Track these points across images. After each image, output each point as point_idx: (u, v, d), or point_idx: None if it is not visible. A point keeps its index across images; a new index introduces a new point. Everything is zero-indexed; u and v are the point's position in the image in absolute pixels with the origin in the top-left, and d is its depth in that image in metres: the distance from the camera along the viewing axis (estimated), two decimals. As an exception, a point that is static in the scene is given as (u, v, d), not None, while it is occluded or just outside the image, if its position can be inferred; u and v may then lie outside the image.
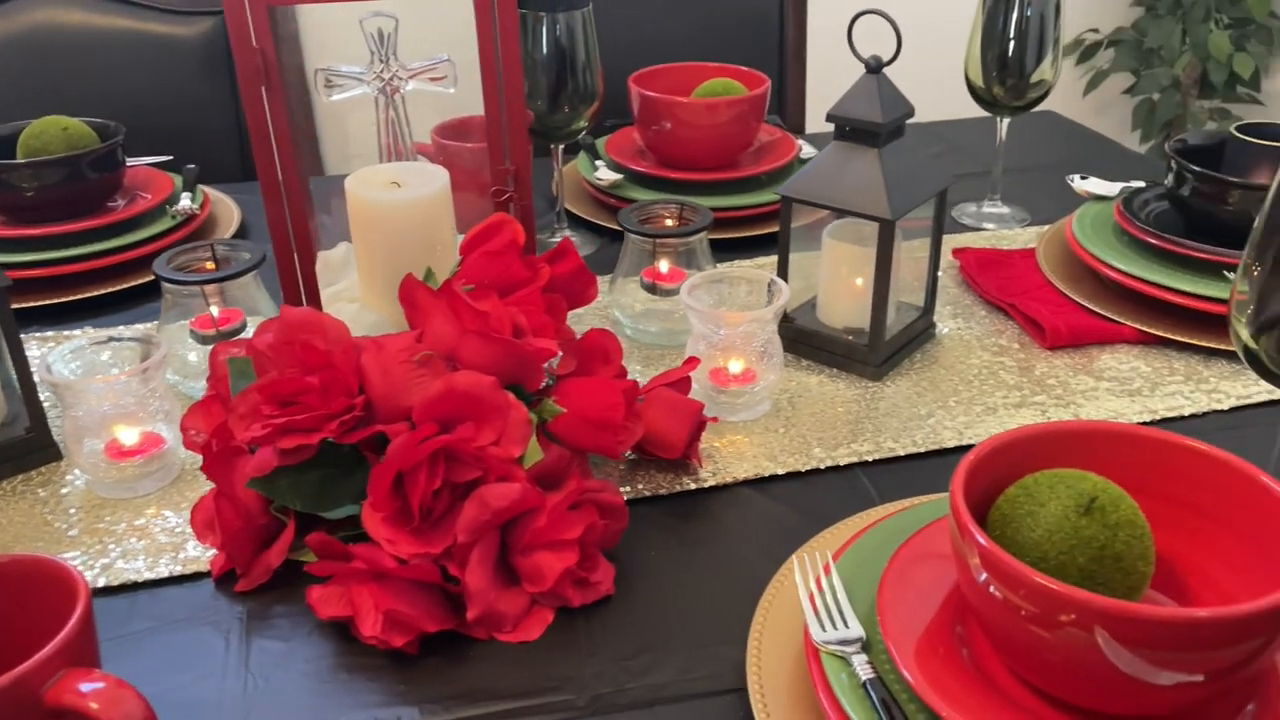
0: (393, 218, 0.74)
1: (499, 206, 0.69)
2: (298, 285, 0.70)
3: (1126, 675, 0.44)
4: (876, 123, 0.77)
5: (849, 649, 0.51)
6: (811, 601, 0.53)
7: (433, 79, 0.82)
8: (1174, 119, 2.26)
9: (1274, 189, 0.55)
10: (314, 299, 0.71)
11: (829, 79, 1.79)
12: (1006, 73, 1.04)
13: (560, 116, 0.99)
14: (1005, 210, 1.12)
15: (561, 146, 1.03)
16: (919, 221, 0.86)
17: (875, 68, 0.78)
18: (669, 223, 0.87)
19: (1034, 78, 1.04)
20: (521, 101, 0.67)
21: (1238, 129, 0.91)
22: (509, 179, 0.68)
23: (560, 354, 0.64)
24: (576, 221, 1.11)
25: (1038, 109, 1.43)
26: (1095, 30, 2.39)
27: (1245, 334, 0.58)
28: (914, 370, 0.84)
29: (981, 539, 0.46)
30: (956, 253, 1.00)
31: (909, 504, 0.63)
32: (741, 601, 0.59)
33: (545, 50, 0.96)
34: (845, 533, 0.62)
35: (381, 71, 0.81)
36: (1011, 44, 1.02)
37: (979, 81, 1.06)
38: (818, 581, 0.55)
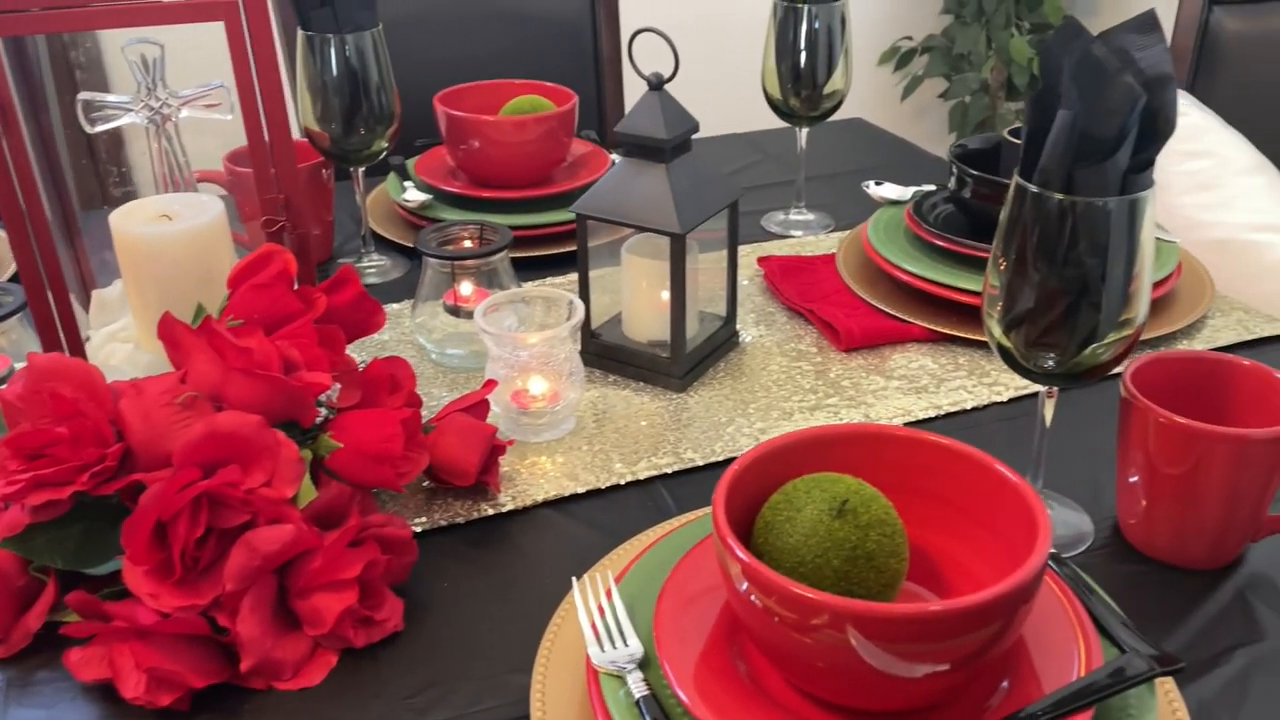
0: (163, 252, 0.71)
1: (271, 237, 0.66)
2: (55, 330, 0.66)
3: (881, 671, 0.45)
4: (661, 139, 0.78)
5: (627, 667, 0.51)
6: (593, 622, 0.53)
7: (207, 106, 0.79)
8: (985, 120, 2.38)
9: (1013, 186, 0.58)
10: (74, 343, 0.67)
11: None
12: (800, 84, 1.07)
13: (357, 139, 0.97)
14: (811, 217, 1.15)
15: (362, 169, 1.01)
16: (715, 233, 0.87)
17: (656, 85, 0.79)
18: (468, 244, 0.86)
19: (827, 89, 1.07)
20: (286, 127, 0.65)
21: (1010, 132, 0.96)
22: (280, 207, 0.65)
23: (337, 386, 0.62)
24: (387, 245, 1.09)
25: (847, 116, 1.49)
26: (909, 38, 2.50)
27: (998, 330, 0.61)
28: (717, 379, 0.85)
29: (738, 549, 0.46)
30: (761, 261, 1.02)
31: (698, 515, 0.64)
32: (534, 627, 0.58)
33: (335, 72, 0.94)
34: (636, 548, 0.62)
35: (149, 100, 0.77)
36: (803, 56, 1.05)
37: (776, 94, 1.09)
38: (600, 603, 0.55)
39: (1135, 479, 0.63)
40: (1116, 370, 0.61)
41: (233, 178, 1.00)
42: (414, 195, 1.09)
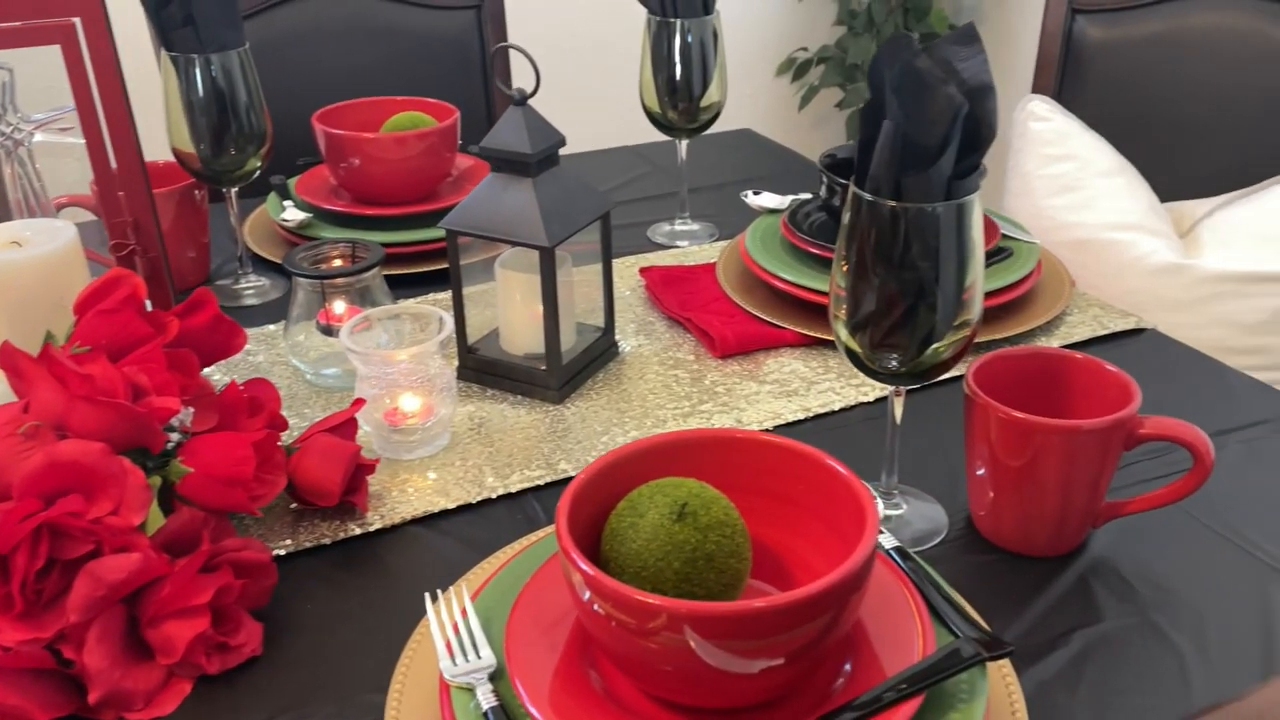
0: (12, 280, 0.69)
1: (122, 260, 0.65)
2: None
3: (721, 670, 0.46)
4: (526, 154, 0.79)
5: (477, 678, 0.51)
6: (445, 636, 0.53)
7: (61, 129, 0.77)
8: (879, 129, 2.44)
9: (850, 194, 0.60)
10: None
11: (542, 105, 1.84)
12: (678, 97, 1.09)
13: (228, 159, 0.96)
14: (695, 227, 1.17)
15: (235, 190, 1.00)
16: (592, 245, 0.88)
17: (520, 100, 0.80)
18: (338, 262, 0.86)
19: (704, 101, 1.09)
20: (133, 149, 0.64)
21: (876, 141, 0.99)
22: (129, 230, 0.64)
23: (190, 411, 0.61)
24: (268, 265, 1.07)
25: (739, 126, 1.52)
26: (805, 49, 2.55)
27: (844, 333, 0.63)
28: (595, 390, 0.86)
29: (577, 557, 0.47)
30: (643, 271, 1.03)
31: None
32: (395, 646, 0.58)
33: (202, 92, 0.92)
34: (499, 562, 0.62)
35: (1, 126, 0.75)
36: (678, 70, 1.07)
37: (655, 107, 1.10)
38: (455, 619, 0.55)
39: (982, 472, 0.66)
40: (962, 370, 0.63)
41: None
42: (293, 214, 1.08)
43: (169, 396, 0.59)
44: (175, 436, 0.61)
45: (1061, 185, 1.20)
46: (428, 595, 0.57)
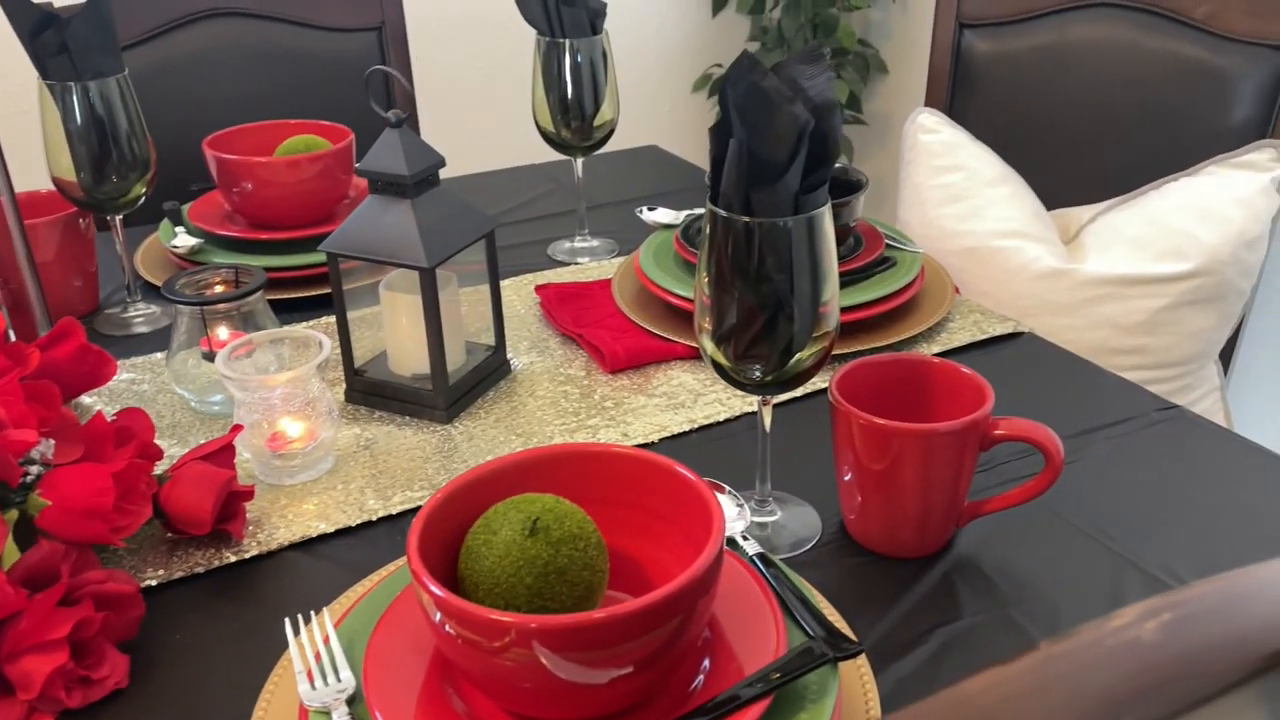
0: None
1: (-19, 293, 0.65)
2: None
3: (572, 682, 0.47)
4: (403, 175, 0.79)
5: (334, 702, 0.51)
6: (305, 662, 0.53)
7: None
8: (794, 142, 2.48)
9: (706, 210, 0.61)
10: None
11: (449, 125, 1.84)
12: (570, 116, 1.10)
13: (110, 187, 0.95)
14: (595, 244, 1.18)
15: (120, 218, 0.99)
16: (477, 264, 0.89)
17: (396, 123, 0.80)
18: (220, 288, 0.85)
19: (597, 120, 1.11)
20: (-11, 181, 0.63)
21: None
22: (-12, 263, 0.64)
23: (50, 443, 0.61)
24: (160, 293, 1.06)
25: (652, 143, 1.54)
26: (720, 65, 2.59)
27: (710, 345, 0.64)
28: (484, 409, 0.86)
29: (426, 579, 0.47)
30: (539, 289, 1.04)
31: (437, 544, 0.64)
32: (264, 673, 0.58)
33: (80, 121, 0.91)
34: (366, 586, 0.62)
35: None
36: (569, 89, 1.08)
37: (548, 126, 1.11)
38: (317, 646, 0.55)
39: (849, 477, 0.67)
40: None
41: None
42: (184, 241, 1.07)
43: (26, 429, 0.59)
44: (35, 469, 0.60)
45: (950, 195, 1.24)
46: (288, 622, 0.57)
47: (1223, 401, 1.23)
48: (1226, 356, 1.27)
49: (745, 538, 0.62)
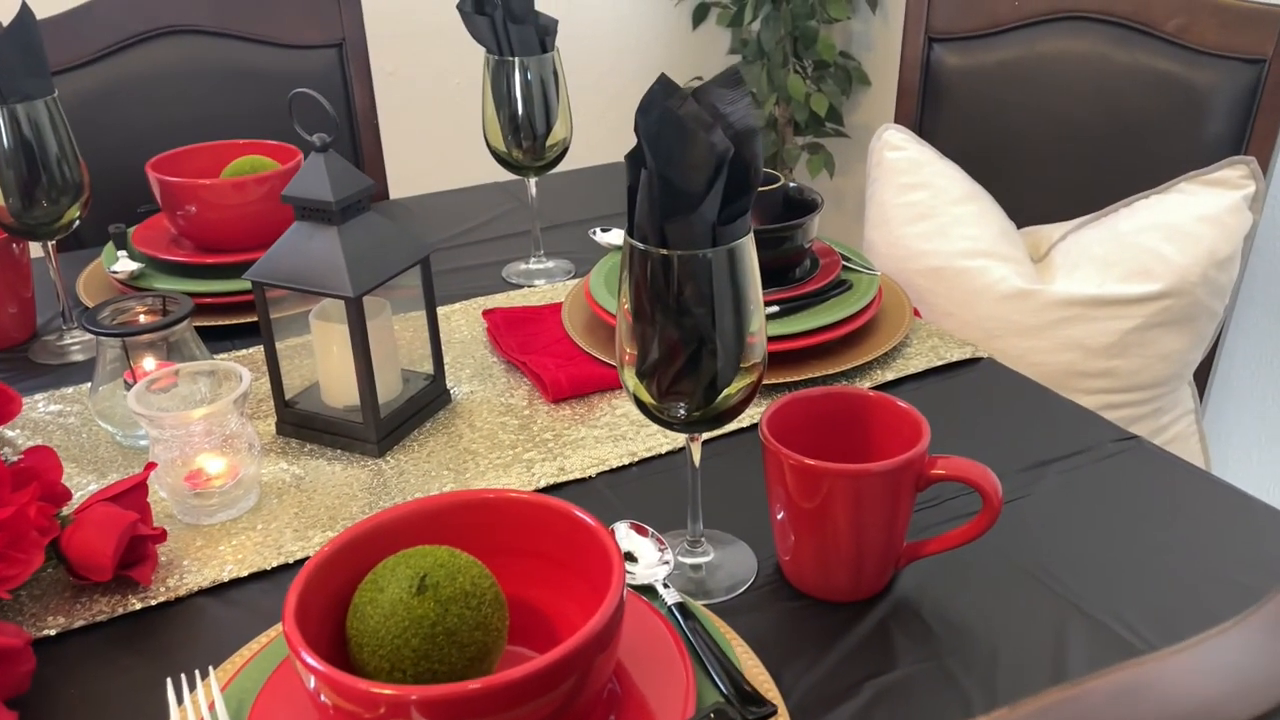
0: None
1: None
2: None
3: (457, 752, 0.44)
4: (328, 201, 0.77)
5: (213, 771, 0.48)
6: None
7: None
8: (773, 155, 2.45)
9: (624, 242, 0.58)
10: None
11: (412, 142, 1.80)
12: (521, 135, 1.07)
13: (40, 212, 0.92)
14: (550, 265, 1.15)
15: (54, 242, 0.96)
16: (416, 290, 0.86)
17: (321, 148, 0.78)
18: (144, 318, 0.82)
19: (549, 140, 1.08)
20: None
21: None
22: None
23: (-63, 489, 0.58)
24: (99, 319, 1.03)
25: (612, 161, 1.51)
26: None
27: (632, 382, 0.61)
28: (419, 441, 0.83)
29: (297, 643, 0.44)
30: (486, 314, 1.01)
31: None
32: (157, 730, 0.55)
33: (7, 145, 0.89)
34: (259, 644, 0.59)
35: None
36: (520, 107, 1.06)
37: (499, 145, 1.09)
38: (207, 710, 0.52)
39: (781, 516, 0.64)
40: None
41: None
42: (124, 265, 1.04)
43: (-95, 476, 0.56)
44: (-83, 517, 0.57)
45: (916, 214, 1.21)
46: (170, 686, 0.54)
47: (1197, 425, 1.20)
48: (1202, 378, 1.24)
49: (666, 585, 0.59)
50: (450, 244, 1.21)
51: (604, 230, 1.10)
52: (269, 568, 0.69)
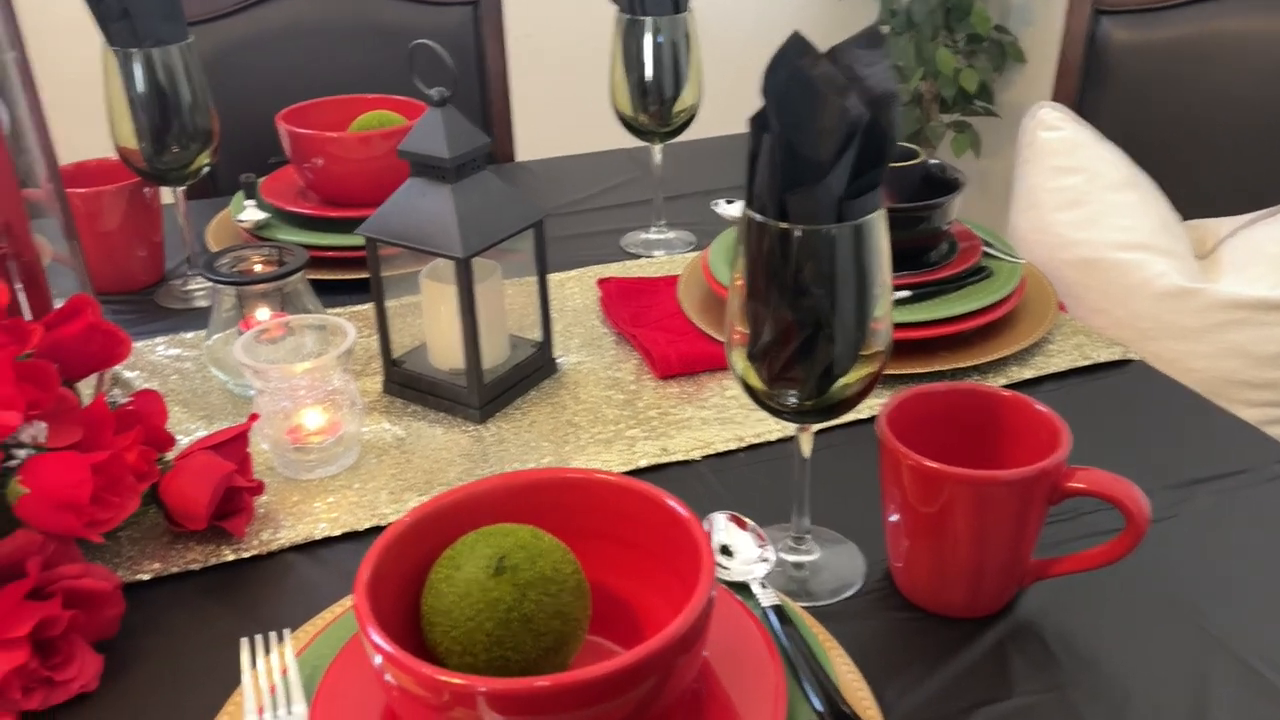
0: (-104, 281, 0.67)
1: (-8, 266, 0.63)
2: None
3: (524, 747, 0.41)
4: (443, 158, 0.74)
5: (279, 738, 0.47)
6: (257, 691, 0.49)
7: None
8: (917, 132, 2.35)
9: (742, 207, 0.54)
10: None
11: (544, 105, 1.77)
12: (648, 100, 1.03)
13: (170, 157, 0.93)
14: (671, 236, 1.11)
15: (183, 189, 0.97)
16: (525, 255, 0.84)
17: (439, 102, 0.75)
18: (260, 268, 0.82)
19: (677, 105, 1.04)
20: (2, 149, 0.61)
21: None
22: (0, 234, 0.62)
23: (43, 426, 0.58)
24: (223, 267, 1.04)
25: (735, 133, 1.46)
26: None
27: (740, 364, 0.57)
28: (522, 410, 0.81)
29: (367, 620, 0.42)
30: (601, 283, 0.98)
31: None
32: (235, 687, 0.54)
33: (141, 89, 0.90)
34: (337, 610, 0.57)
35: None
36: (649, 70, 1.02)
37: (626, 109, 1.05)
38: (283, 666, 0.51)
39: (896, 519, 0.59)
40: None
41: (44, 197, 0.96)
42: (251, 215, 1.05)
43: (11, 411, 0.56)
44: (21, 453, 0.58)
45: (1069, 199, 1.12)
46: (244, 647, 0.53)
47: (1374, 447, 1.08)
48: (1383, 396, 1.11)
49: (764, 585, 0.55)
50: (571, 209, 1.19)
51: (728, 202, 1.05)
52: (361, 529, 0.68)
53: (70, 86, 1.33)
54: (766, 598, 0.54)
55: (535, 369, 0.84)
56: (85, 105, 1.14)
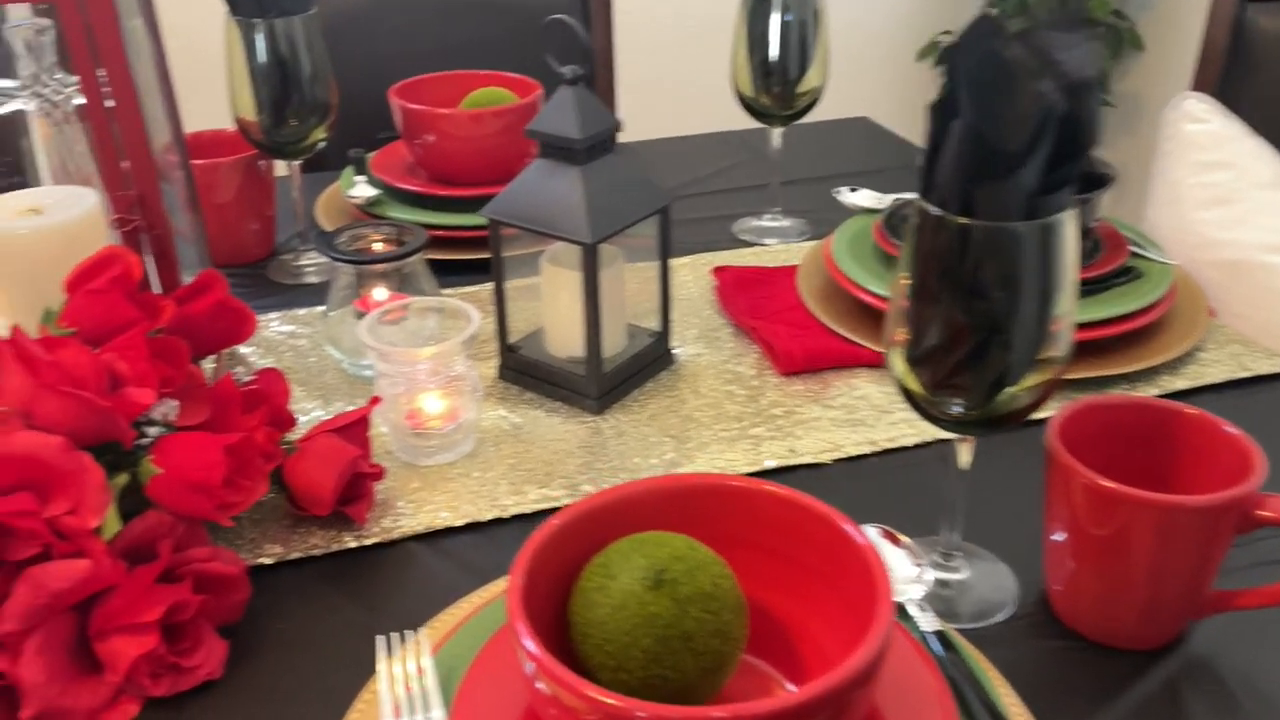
0: (29, 249, 0.66)
1: (125, 238, 0.61)
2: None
3: (684, 776, 0.39)
4: (573, 139, 0.72)
5: (418, 745, 0.45)
6: (393, 691, 0.47)
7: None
8: (1024, 122, 2.26)
9: (915, 200, 0.50)
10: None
11: (649, 84, 1.73)
12: (772, 80, 0.99)
13: (288, 130, 0.92)
14: (786, 224, 1.07)
15: (299, 163, 0.96)
16: (647, 240, 0.81)
17: (572, 80, 0.72)
18: (378, 246, 0.80)
19: (800, 86, 1.00)
20: (137, 119, 0.60)
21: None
22: (134, 206, 0.60)
23: (174, 404, 0.57)
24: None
25: (854, 115, 1.41)
26: (948, 32, 2.39)
27: (900, 366, 0.53)
28: (640, 402, 0.78)
29: (522, 626, 0.40)
30: (716, 272, 0.95)
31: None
32: (357, 681, 0.52)
33: (263, 60, 0.89)
34: (471, 605, 0.55)
35: (36, 86, 0.73)
36: (774, 50, 0.98)
37: (747, 90, 1.01)
38: (418, 665, 0.49)
39: (1060, 538, 0.55)
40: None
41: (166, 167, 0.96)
42: (362, 191, 1.04)
43: (145, 388, 0.55)
44: (154, 431, 0.57)
45: (1214, 197, 1.05)
46: (380, 642, 0.51)
47: None
48: None
49: (923, 607, 0.51)
50: (678, 193, 1.15)
51: (852, 190, 1.01)
52: (483, 520, 0.66)
53: (182, 55, 1.33)
54: (926, 621, 0.50)
55: (653, 360, 0.81)
56: (196, 76, 1.14)
